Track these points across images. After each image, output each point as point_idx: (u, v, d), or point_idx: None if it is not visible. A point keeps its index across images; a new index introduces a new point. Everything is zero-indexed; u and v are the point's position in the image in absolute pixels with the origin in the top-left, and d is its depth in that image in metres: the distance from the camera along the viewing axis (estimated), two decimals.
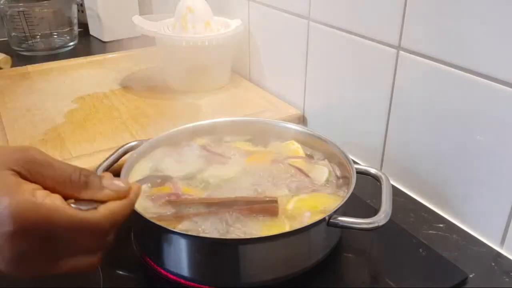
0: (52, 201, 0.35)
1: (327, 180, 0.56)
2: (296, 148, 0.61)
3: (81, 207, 0.37)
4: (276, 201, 0.49)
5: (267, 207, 0.49)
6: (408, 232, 0.56)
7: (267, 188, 0.54)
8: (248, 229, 0.47)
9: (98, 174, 0.52)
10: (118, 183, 0.40)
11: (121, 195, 0.39)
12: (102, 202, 0.38)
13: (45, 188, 0.36)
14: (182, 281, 0.48)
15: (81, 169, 0.39)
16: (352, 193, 0.50)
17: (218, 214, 0.49)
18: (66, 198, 0.37)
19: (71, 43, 1.26)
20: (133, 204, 0.41)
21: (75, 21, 1.27)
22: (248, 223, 0.48)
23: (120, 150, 0.59)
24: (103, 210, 0.37)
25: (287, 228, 0.48)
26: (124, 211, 0.39)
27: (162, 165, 0.58)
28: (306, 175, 0.56)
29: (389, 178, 0.54)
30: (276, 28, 0.87)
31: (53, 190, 0.36)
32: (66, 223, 0.35)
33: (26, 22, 1.18)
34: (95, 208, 0.37)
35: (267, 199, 0.50)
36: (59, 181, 0.37)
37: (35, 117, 0.82)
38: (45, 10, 1.21)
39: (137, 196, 0.41)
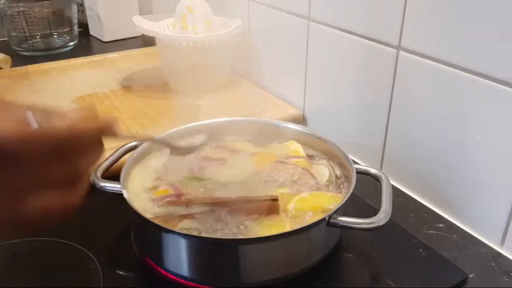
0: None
1: (328, 180, 0.56)
2: (296, 148, 0.61)
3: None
4: (277, 199, 0.49)
5: (268, 205, 0.49)
6: (408, 232, 0.56)
7: (268, 188, 0.54)
8: (249, 229, 0.47)
9: (98, 174, 0.53)
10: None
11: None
12: None
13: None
14: (182, 281, 0.48)
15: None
16: (352, 193, 0.50)
17: (219, 214, 0.49)
18: None
19: (71, 43, 1.26)
20: (100, 123, 0.35)
21: (75, 21, 1.27)
22: (249, 223, 0.48)
23: (120, 150, 0.59)
24: (58, 118, 0.32)
25: (287, 228, 0.48)
26: (88, 125, 0.33)
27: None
28: (312, 176, 0.56)
29: (389, 178, 0.54)
30: (276, 28, 0.87)
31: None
32: (16, 134, 0.29)
33: (26, 22, 1.18)
34: None
35: (268, 197, 0.50)
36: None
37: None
38: (45, 10, 1.21)
39: (108, 121, 0.36)
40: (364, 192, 0.60)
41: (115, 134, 0.36)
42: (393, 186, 0.56)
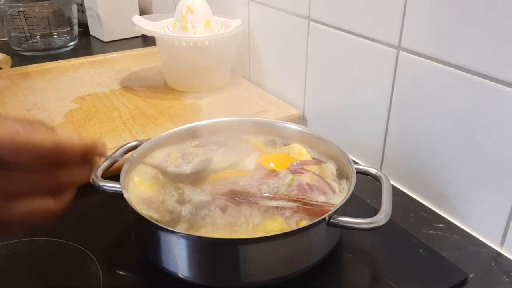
0: None
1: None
2: (299, 149, 0.61)
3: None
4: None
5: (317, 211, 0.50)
6: (408, 232, 0.56)
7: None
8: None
9: (98, 174, 0.53)
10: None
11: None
12: None
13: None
14: (182, 281, 0.48)
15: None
16: (352, 193, 0.50)
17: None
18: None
19: (71, 43, 1.26)
20: (84, 143, 0.37)
21: (75, 21, 1.27)
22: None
23: (120, 150, 0.59)
24: (46, 132, 0.34)
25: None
26: (72, 144, 0.35)
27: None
28: (333, 191, 0.55)
29: (389, 178, 0.54)
30: (276, 28, 0.87)
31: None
32: (7, 138, 0.31)
33: (26, 22, 1.18)
34: None
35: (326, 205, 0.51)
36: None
37: (35, 117, 0.82)
38: (45, 10, 1.21)
39: (94, 143, 0.38)
40: (364, 192, 0.60)
41: (101, 155, 0.39)
42: (393, 186, 0.56)
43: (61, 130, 0.36)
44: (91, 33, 1.37)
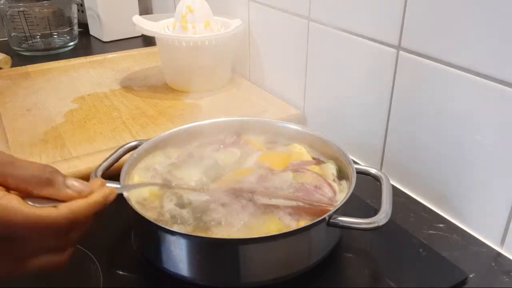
0: (8, 201, 0.35)
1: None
2: (299, 150, 0.61)
3: (38, 205, 0.37)
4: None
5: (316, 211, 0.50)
6: (408, 232, 0.56)
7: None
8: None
9: (98, 174, 0.53)
10: (80, 184, 0.40)
11: (82, 196, 0.39)
12: (64, 201, 0.38)
13: (7, 187, 0.36)
14: (182, 281, 0.48)
15: (46, 166, 0.38)
16: (352, 193, 0.50)
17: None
18: (27, 196, 0.37)
19: (71, 43, 1.26)
20: (96, 204, 0.40)
21: (75, 21, 1.27)
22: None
23: (120, 150, 0.59)
24: (61, 208, 0.37)
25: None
26: (85, 211, 0.38)
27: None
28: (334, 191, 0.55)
29: (389, 178, 0.54)
30: (276, 28, 0.87)
31: (15, 188, 0.36)
32: (22, 221, 0.35)
33: (26, 22, 1.18)
34: (55, 207, 0.37)
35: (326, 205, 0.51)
36: (20, 179, 0.37)
37: (35, 117, 0.82)
38: (45, 10, 1.21)
39: (105, 197, 0.41)
40: (364, 192, 0.60)
41: (110, 203, 0.42)
42: (393, 186, 0.56)
43: (71, 183, 0.39)
44: (91, 33, 1.37)
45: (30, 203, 0.36)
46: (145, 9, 1.46)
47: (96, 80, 1.00)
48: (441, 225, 0.59)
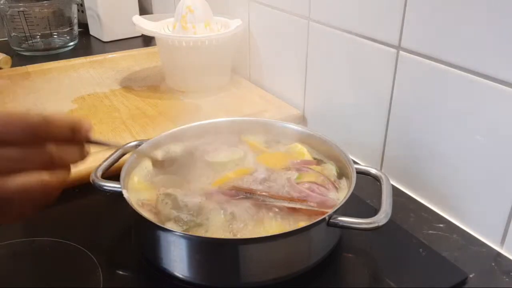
0: None
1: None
2: (300, 149, 0.61)
3: None
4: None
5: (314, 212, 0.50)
6: (408, 232, 0.56)
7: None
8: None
9: (98, 174, 0.53)
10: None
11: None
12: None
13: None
14: (182, 281, 0.48)
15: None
16: (352, 193, 0.50)
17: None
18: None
19: (71, 43, 1.26)
20: (71, 119, 0.37)
21: (75, 21, 1.27)
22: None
23: (120, 150, 0.59)
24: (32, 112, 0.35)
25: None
26: (59, 118, 0.36)
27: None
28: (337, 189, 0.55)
29: (389, 178, 0.54)
30: (276, 28, 0.87)
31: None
32: None
33: (26, 22, 1.18)
34: None
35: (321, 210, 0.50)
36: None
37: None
38: (45, 10, 1.21)
39: (80, 121, 0.38)
40: (364, 192, 0.60)
41: (88, 133, 0.39)
42: (393, 186, 0.56)
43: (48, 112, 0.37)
44: (91, 33, 1.37)
45: None
46: (145, 9, 1.46)
47: (96, 80, 1.00)
48: (441, 225, 0.59)
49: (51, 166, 0.36)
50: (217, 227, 0.48)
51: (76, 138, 0.38)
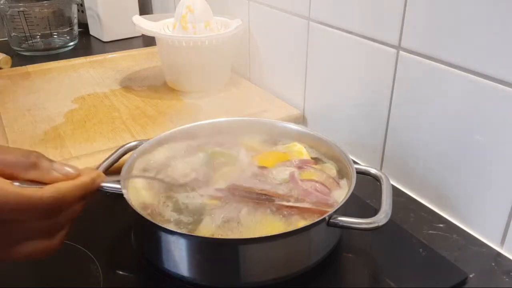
0: None
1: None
2: (299, 149, 0.61)
3: (25, 186, 0.36)
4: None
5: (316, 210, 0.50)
6: (408, 232, 0.56)
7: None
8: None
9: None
10: (68, 167, 0.39)
11: (69, 178, 0.39)
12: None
13: None
14: (182, 281, 0.48)
15: (32, 151, 0.38)
16: (352, 193, 0.50)
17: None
18: (13, 179, 0.36)
19: (71, 43, 1.26)
20: (83, 185, 0.39)
21: (75, 21, 1.27)
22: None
23: (120, 150, 0.59)
24: (46, 187, 0.36)
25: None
26: (72, 191, 0.38)
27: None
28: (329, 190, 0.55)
29: (389, 178, 0.54)
30: (276, 28, 0.87)
31: (1, 174, 0.36)
32: (4, 200, 0.34)
33: (26, 22, 1.18)
34: (41, 187, 0.36)
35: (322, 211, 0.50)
36: (5, 163, 0.36)
37: (35, 117, 0.82)
38: (45, 10, 1.21)
39: (92, 180, 0.40)
40: (364, 192, 0.60)
41: (99, 187, 0.42)
42: (393, 186, 0.56)
43: (58, 166, 0.38)
44: (91, 33, 1.37)
45: (16, 183, 0.35)
46: (145, 9, 1.46)
47: (96, 80, 1.00)
48: (441, 225, 0.59)
49: (55, 230, 0.38)
50: (217, 227, 0.48)
51: (84, 196, 0.40)
